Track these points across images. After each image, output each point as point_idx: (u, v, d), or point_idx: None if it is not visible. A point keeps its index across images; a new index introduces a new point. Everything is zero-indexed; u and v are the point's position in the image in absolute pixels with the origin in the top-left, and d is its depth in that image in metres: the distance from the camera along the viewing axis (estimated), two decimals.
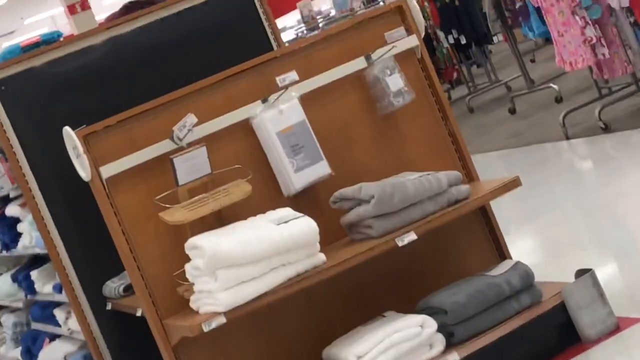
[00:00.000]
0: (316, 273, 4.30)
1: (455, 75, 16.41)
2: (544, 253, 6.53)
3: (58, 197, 5.56)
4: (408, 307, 4.63)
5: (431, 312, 4.47)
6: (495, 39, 13.42)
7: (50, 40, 5.93)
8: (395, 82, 4.77)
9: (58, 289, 6.26)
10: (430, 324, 4.38)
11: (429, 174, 4.57)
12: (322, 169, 4.68)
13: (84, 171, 4.58)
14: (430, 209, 4.50)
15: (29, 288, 7.00)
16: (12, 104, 5.50)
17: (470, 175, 4.97)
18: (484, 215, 5.04)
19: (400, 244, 4.41)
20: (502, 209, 5.18)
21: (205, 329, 4.11)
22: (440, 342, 4.39)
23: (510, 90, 13.67)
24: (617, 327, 4.51)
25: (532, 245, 6.74)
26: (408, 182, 4.49)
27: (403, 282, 4.93)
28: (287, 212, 4.40)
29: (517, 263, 4.66)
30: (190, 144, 4.53)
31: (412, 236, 4.42)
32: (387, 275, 4.90)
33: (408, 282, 4.93)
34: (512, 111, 11.89)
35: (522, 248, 6.31)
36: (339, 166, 4.76)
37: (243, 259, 4.15)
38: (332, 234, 4.65)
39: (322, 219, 4.46)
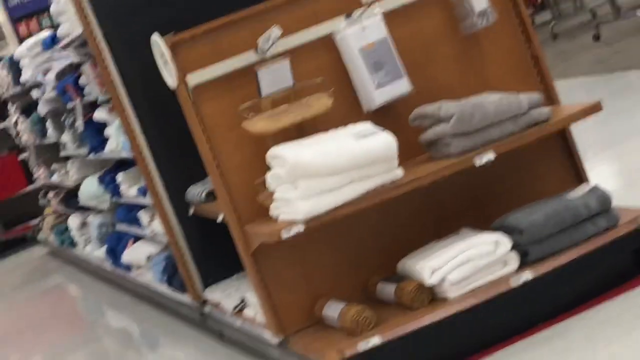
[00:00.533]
0: (394, 188, 4.35)
1: None
2: (622, 179, 6.49)
3: (145, 103, 5.66)
4: (483, 225, 4.66)
5: (507, 230, 4.49)
6: None
7: None
8: (479, 2, 4.75)
9: (143, 192, 6.40)
10: (505, 242, 4.41)
11: (509, 95, 4.56)
12: (402, 86, 4.70)
13: (170, 79, 4.66)
14: (509, 130, 4.50)
15: (115, 190, 7.17)
16: (103, 12, 5.58)
17: (551, 99, 4.94)
18: (564, 139, 5.02)
19: (478, 163, 4.43)
20: (582, 134, 5.15)
21: (284, 236, 4.20)
22: (514, 260, 4.43)
23: (596, 17, 13.42)
24: None
25: (610, 172, 6.70)
26: (488, 102, 4.50)
27: (479, 201, 4.96)
28: (366, 127, 4.44)
29: (595, 187, 4.64)
30: (274, 56, 4.58)
31: (490, 156, 4.44)
32: (463, 194, 4.93)
33: (484, 201, 4.96)
34: (597, 38, 11.67)
35: (600, 174, 6.26)
36: (420, 84, 4.77)
37: (323, 170, 4.21)
38: (410, 151, 4.67)
39: (401, 135, 4.48)
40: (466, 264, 4.34)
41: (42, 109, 9.10)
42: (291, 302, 4.67)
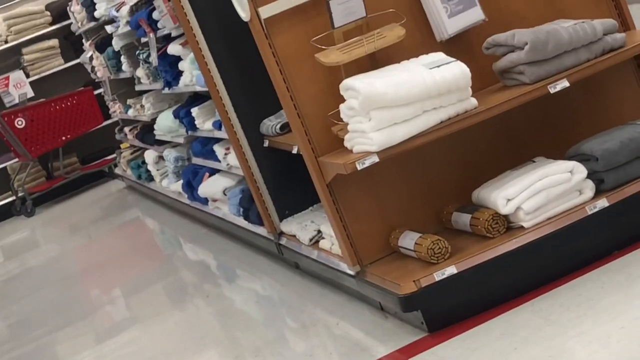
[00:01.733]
0: (467, 117, 4.36)
1: None
2: None
3: (218, 36, 5.72)
4: (558, 154, 4.67)
5: (582, 158, 4.50)
6: None
7: None
8: None
9: (218, 125, 6.48)
10: (580, 170, 4.41)
11: (583, 22, 4.53)
12: (475, 14, 4.69)
13: (243, 11, 4.70)
14: (584, 57, 4.48)
15: (190, 124, 7.26)
16: None
17: (626, 24, 4.89)
18: (638, 65, 4.98)
19: (552, 90, 4.43)
20: None
21: (359, 167, 4.26)
22: (589, 188, 4.44)
23: None
24: None
25: None
26: (562, 30, 4.47)
27: (553, 129, 4.95)
28: (439, 56, 4.45)
29: None
30: None
31: (564, 83, 4.43)
32: (537, 122, 4.93)
33: (558, 129, 4.95)
34: None
35: None
36: (492, 12, 4.75)
37: (396, 101, 4.24)
38: (484, 80, 4.68)
39: (474, 64, 4.49)
40: (541, 192, 4.36)
41: (116, 44, 9.20)
42: (367, 233, 4.73)
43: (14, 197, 12.69)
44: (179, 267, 7.57)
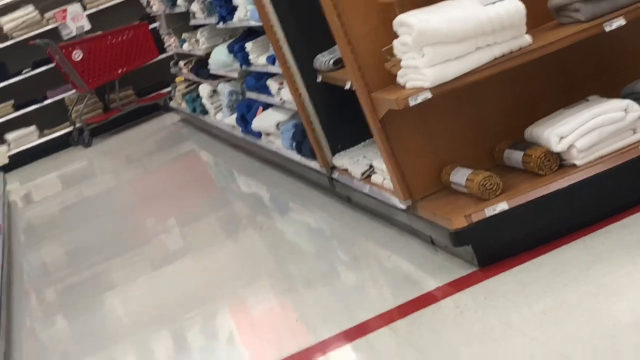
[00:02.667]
0: (521, 54, 4.30)
1: None
2: None
3: None
4: (612, 92, 4.60)
5: (636, 97, 4.42)
6: None
7: None
8: None
9: (271, 60, 6.46)
10: (635, 108, 4.34)
11: None
12: None
13: None
14: None
15: (244, 59, 7.25)
16: None
17: None
18: None
19: (607, 29, 4.34)
20: None
21: (411, 103, 4.22)
22: None
23: None
24: None
25: None
26: None
27: (608, 68, 4.87)
28: None
29: None
30: None
31: (620, 21, 4.34)
32: (592, 60, 4.85)
33: (613, 68, 4.87)
34: None
35: None
36: None
37: (450, 37, 4.18)
38: (539, 18, 4.60)
39: (529, 1, 4.41)
40: (594, 130, 4.31)
41: None
42: (418, 168, 4.71)
43: (71, 128, 12.81)
44: (233, 200, 7.61)
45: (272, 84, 6.82)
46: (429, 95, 4.22)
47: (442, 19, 4.21)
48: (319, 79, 5.66)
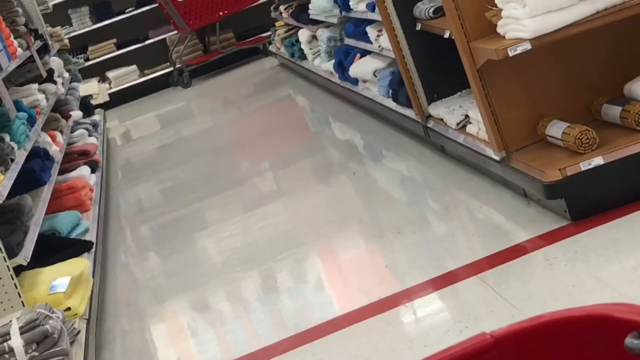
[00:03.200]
0: (625, 8, 4.21)
1: None
2: None
3: None
4: None
5: None
6: None
7: None
8: None
9: (371, 7, 6.44)
10: None
11: None
12: None
13: None
14: None
15: (344, 5, 7.23)
16: None
17: None
18: None
19: None
20: None
21: (510, 53, 4.18)
22: None
23: None
24: None
25: None
26: None
27: None
28: None
29: None
30: None
31: None
32: None
33: None
34: None
35: None
36: None
37: None
38: None
39: None
40: None
41: None
42: (514, 119, 4.67)
43: (171, 69, 12.96)
44: (327, 145, 7.63)
45: (371, 31, 6.80)
46: (528, 46, 4.17)
47: None
48: (418, 27, 5.63)
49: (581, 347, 1.13)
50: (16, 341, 3.83)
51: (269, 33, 11.98)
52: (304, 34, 9.34)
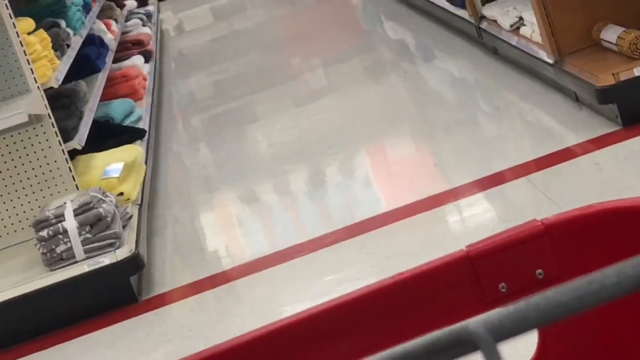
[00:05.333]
0: None
1: None
2: None
3: None
4: None
5: None
6: None
7: None
8: None
9: None
10: None
11: None
12: None
13: None
14: None
15: None
16: None
17: None
18: None
19: None
20: None
21: None
22: None
23: None
24: None
25: None
26: None
27: None
28: None
29: None
30: None
31: None
32: None
33: None
34: None
35: None
36: None
37: None
38: None
39: None
40: None
41: None
42: (568, 23, 4.60)
43: None
44: (378, 43, 7.59)
45: None
46: None
47: None
48: None
49: (633, 237, 1.13)
50: (70, 223, 3.91)
51: None
52: None
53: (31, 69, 4.31)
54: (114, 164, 4.68)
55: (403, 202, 4.20)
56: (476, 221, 3.91)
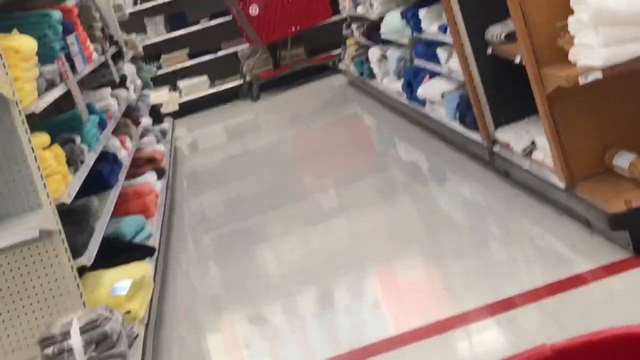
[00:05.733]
0: None
1: None
2: None
3: None
4: None
5: None
6: None
7: None
8: None
9: (443, 29, 6.43)
10: None
11: None
12: None
13: None
14: None
15: (416, 26, 7.23)
16: None
17: None
18: None
19: None
20: None
21: (581, 81, 4.14)
22: None
23: None
24: None
25: None
26: None
27: None
28: None
29: None
30: None
31: None
32: None
33: None
34: None
35: None
36: None
37: (627, 19, 4.07)
38: None
39: None
40: None
41: None
42: (581, 148, 4.63)
43: (241, 81, 13.04)
44: (391, 165, 7.63)
45: (441, 53, 6.79)
46: (599, 75, 4.13)
47: (622, 0, 4.10)
48: (489, 51, 5.60)
49: None
50: (76, 341, 3.87)
51: (340, 51, 12.02)
52: (374, 53, 9.35)
53: (44, 184, 4.33)
54: (122, 281, 4.66)
55: (412, 326, 4.16)
56: (486, 347, 3.86)
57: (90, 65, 6.83)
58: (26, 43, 4.65)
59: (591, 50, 4.16)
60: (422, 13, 7.05)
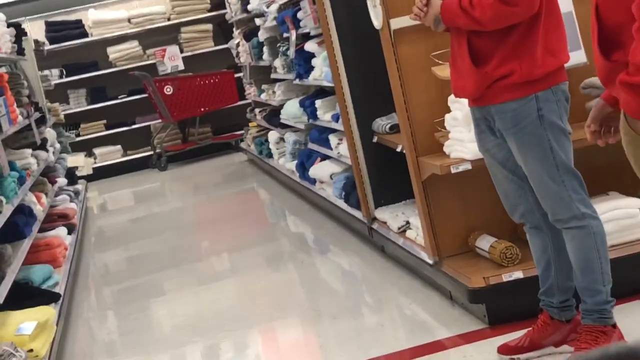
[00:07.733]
0: None
1: None
2: None
3: (350, 40, 5.75)
4: (631, 191, 4.58)
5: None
6: None
7: None
8: None
9: (336, 118, 6.52)
10: None
11: None
12: (579, 57, 4.61)
13: (377, 20, 4.72)
14: None
15: (312, 114, 7.32)
16: None
17: None
18: None
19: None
20: None
21: (453, 170, 4.24)
22: None
23: None
24: None
25: None
26: None
27: (628, 170, 4.83)
28: None
29: None
30: None
31: None
32: (615, 161, 4.82)
33: (631, 170, 4.83)
34: None
35: None
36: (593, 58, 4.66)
37: None
38: (576, 115, 4.59)
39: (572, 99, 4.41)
40: (611, 221, 4.28)
41: (261, 35, 9.31)
42: (449, 229, 4.71)
43: (151, 152, 12.96)
44: (280, 235, 7.63)
45: (332, 139, 6.87)
46: (469, 166, 4.24)
47: None
48: (375, 139, 5.70)
49: None
50: None
51: (243, 131, 12.06)
52: (273, 135, 9.41)
53: None
54: (27, 323, 4.54)
55: None
56: None
57: (15, 127, 6.73)
58: None
59: (463, 144, 4.27)
60: (319, 103, 7.14)
